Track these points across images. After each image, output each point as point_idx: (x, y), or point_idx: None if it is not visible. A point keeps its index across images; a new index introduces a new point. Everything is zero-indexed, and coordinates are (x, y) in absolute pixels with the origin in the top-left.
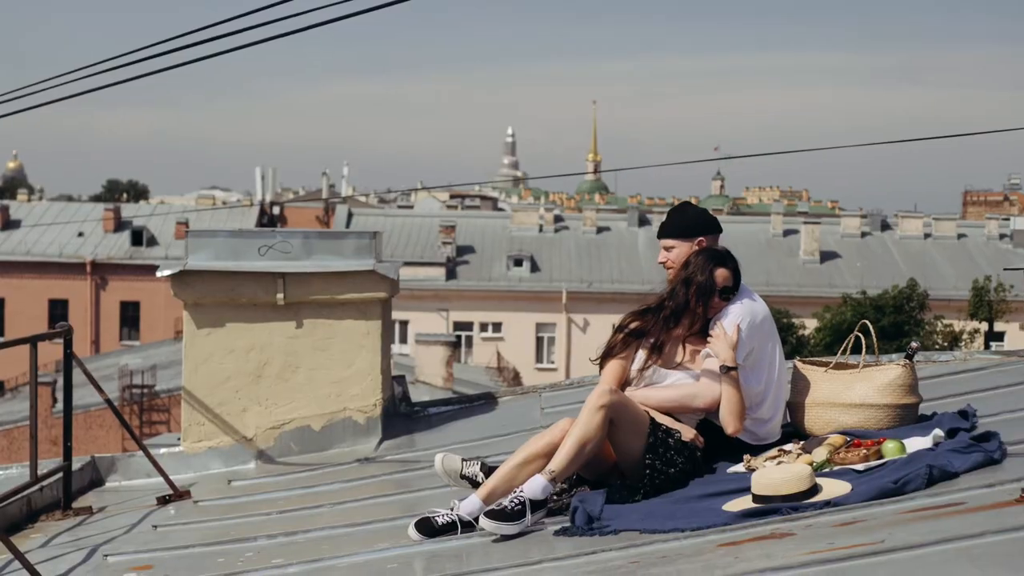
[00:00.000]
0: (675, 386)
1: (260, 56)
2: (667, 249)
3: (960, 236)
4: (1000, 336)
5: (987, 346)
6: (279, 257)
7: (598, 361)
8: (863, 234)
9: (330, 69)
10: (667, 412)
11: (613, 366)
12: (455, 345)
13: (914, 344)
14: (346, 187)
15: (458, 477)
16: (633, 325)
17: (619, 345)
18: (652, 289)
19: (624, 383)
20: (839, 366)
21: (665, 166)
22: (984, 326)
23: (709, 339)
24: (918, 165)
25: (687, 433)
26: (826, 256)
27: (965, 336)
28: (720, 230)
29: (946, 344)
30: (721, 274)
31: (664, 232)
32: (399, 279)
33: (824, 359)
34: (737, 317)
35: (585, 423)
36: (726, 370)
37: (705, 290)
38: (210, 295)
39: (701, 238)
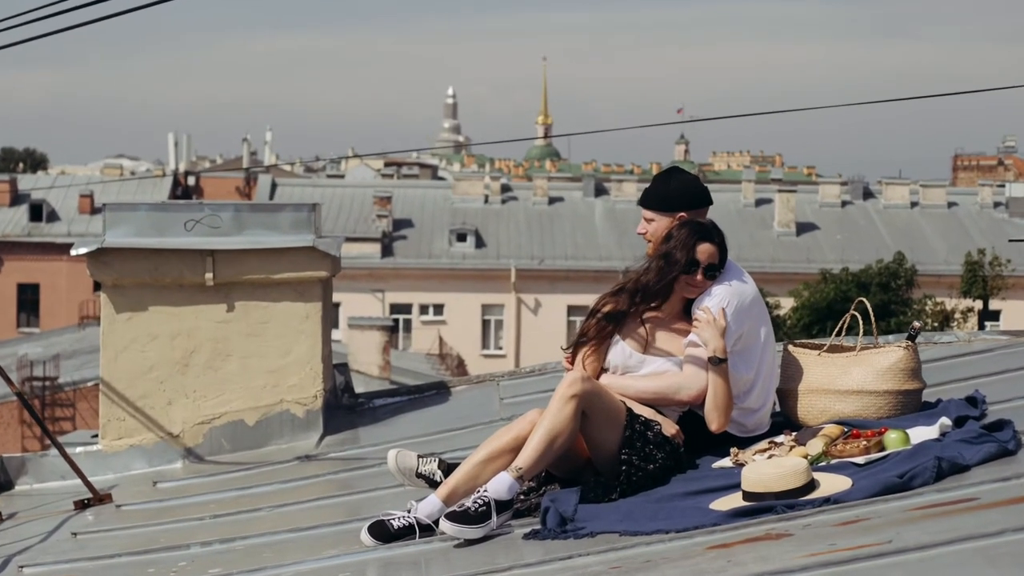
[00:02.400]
0: (657, 376)
1: (169, 10)
2: (647, 220)
3: (950, 205)
4: (996, 315)
5: (981, 326)
6: (207, 232)
7: (570, 350)
8: (843, 203)
9: (250, 22)
10: (647, 404)
11: (587, 353)
12: (392, 330)
13: (916, 324)
14: (269, 154)
15: (414, 476)
16: (607, 307)
17: (593, 330)
18: (617, 266)
19: (600, 372)
20: (834, 349)
21: (624, 130)
22: (978, 304)
23: (695, 324)
24: (903, 127)
25: (668, 427)
26: (803, 228)
27: (958, 316)
28: (708, 202)
29: (936, 325)
30: (705, 250)
31: (644, 201)
32: (340, 256)
33: (817, 342)
34: (724, 299)
35: (555, 414)
36: (717, 362)
37: (687, 267)
38: (131, 275)
39: (682, 213)
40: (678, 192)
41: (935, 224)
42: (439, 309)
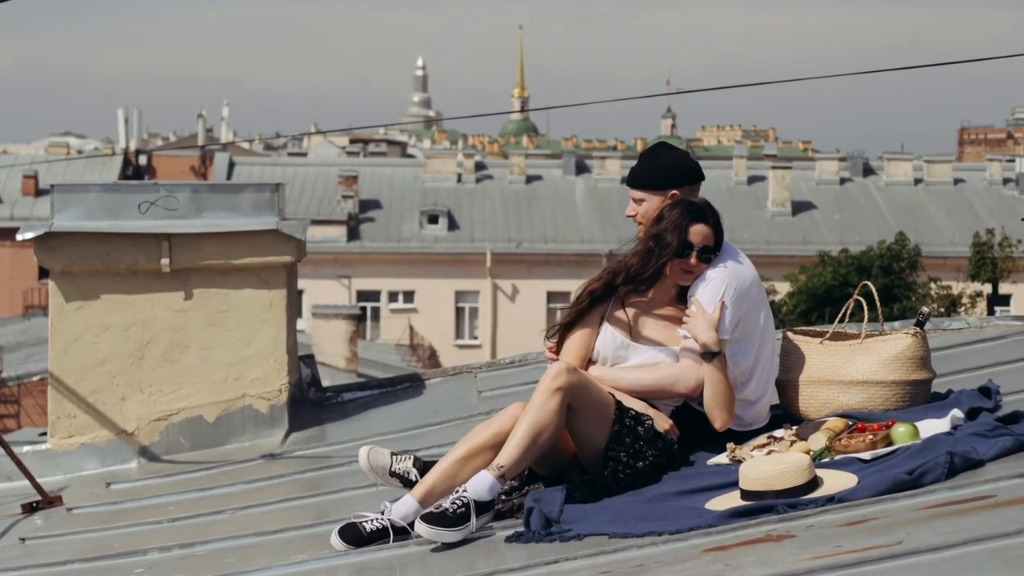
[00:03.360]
0: (651, 367)
1: None
2: (636, 201)
3: (957, 181)
4: (1006, 300)
5: (991, 311)
6: (163, 215)
7: (553, 337)
8: (842, 180)
9: None
10: (641, 397)
11: (573, 342)
12: (359, 319)
13: (925, 309)
14: (226, 131)
15: (387, 475)
16: (595, 294)
17: (579, 316)
18: (600, 250)
19: (587, 363)
20: (836, 336)
21: (606, 103)
22: (987, 288)
23: (686, 317)
24: (906, 99)
25: (661, 422)
26: (799, 207)
27: (965, 300)
28: (700, 178)
29: (943, 310)
30: (699, 231)
31: (632, 181)
32: (306, 240)
33: (819, 329)
34: (720, 285)
35: (539, 408)
36: (709, 356)
37: (680, 251)
38: (81, 261)
39: (674, 191)
40: (668, 168)
41: (940, 202)
42: (409, 296)
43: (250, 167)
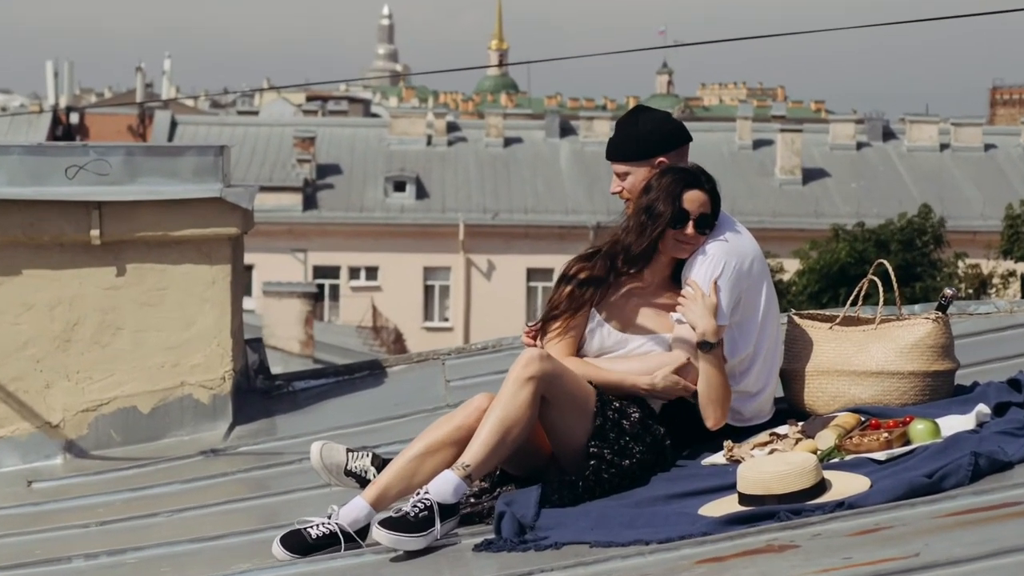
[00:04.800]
0: (642, 357)
1: None
2: (619, 176)
3: (988, 147)
4: None
5: None
6: (93, 181)
7: (538, 328)
8: (859, 145)
9: None
10: (632, 392)
11: (558, 331)
12: (316, 297)
13: (948, 292)
14: (168, 87)
15: (342, 473)
16: (582, 274)
17: (565, 303)
18: (587, 221)
19: (575, 354)
20: (848, 321)
21: (594, 57)
22: (1021, 267)
23: (680, 301)
24: (931, 54)
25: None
26: (810, 175)
27: (996, 281)
28: (688, 139)
29: (971, 291)
30: (694, 198)
31: (612, 153)
32: (254, 209)
33: (829, 312)
34: (718, 261)
35: (509, 400)
36: (707, 347)
37: (674, 221)
38: (1, 232)
39: (661, 158)
40: (651, 133)
41: (969, 170)
42: (372, 273)
43: (194, 127)
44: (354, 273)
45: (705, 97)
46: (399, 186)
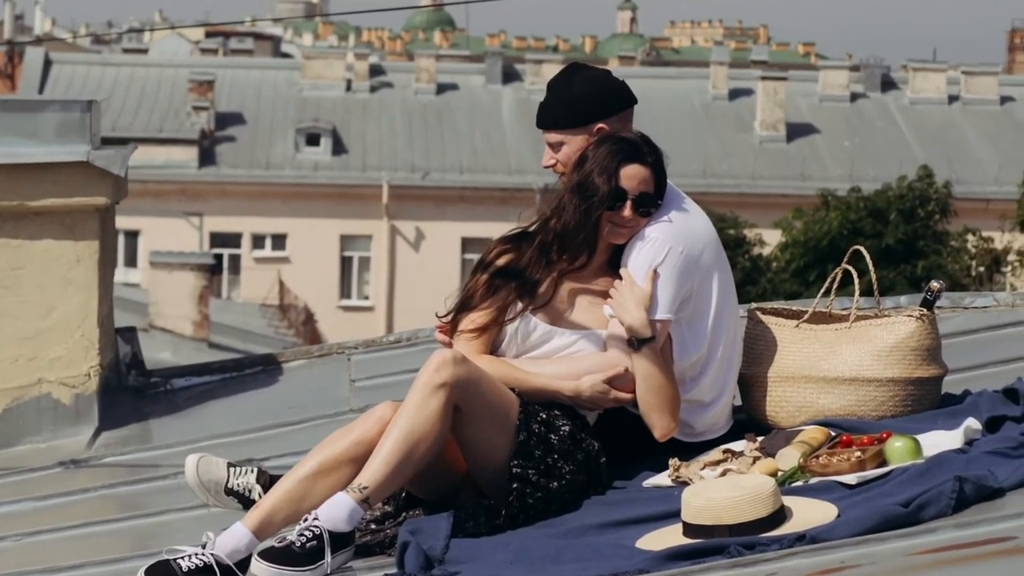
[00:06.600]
0: (571, 359)
1: None
2: (552, 146)
3: (1004, 100)
4: None
5: None
6: None
7: (449, 319)
8: (854, 96)
9: None
10: (557, 400)
11: (473, 325)
12: (213, 270)
13: (935, 284)
14: (41, 19)
15: (222, 492)
16: (503, 260)
17: (482, 292)
18: (533, 183)
19: (492, 351)
20: (819, 318)
21: None
22: None
23: (612, 291)
24: None
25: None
26: (796, 131)
27: (1012, 258)
28: (631, 101)
29: (982, 270)
30: (634, 174)
31: (543, 120)
32: (128, 174)
33: (795, 306)
34: (659, 247)
35: (415, 411)
36: (637, 344)
37: (610, 201)
38: None
39: (600, 124)
40: (586, 96)
41: (982, 127)
42: (280, 241)
43: (72, 67)
44: (258, 242)
45: (675, 37)
46: (312, 139)
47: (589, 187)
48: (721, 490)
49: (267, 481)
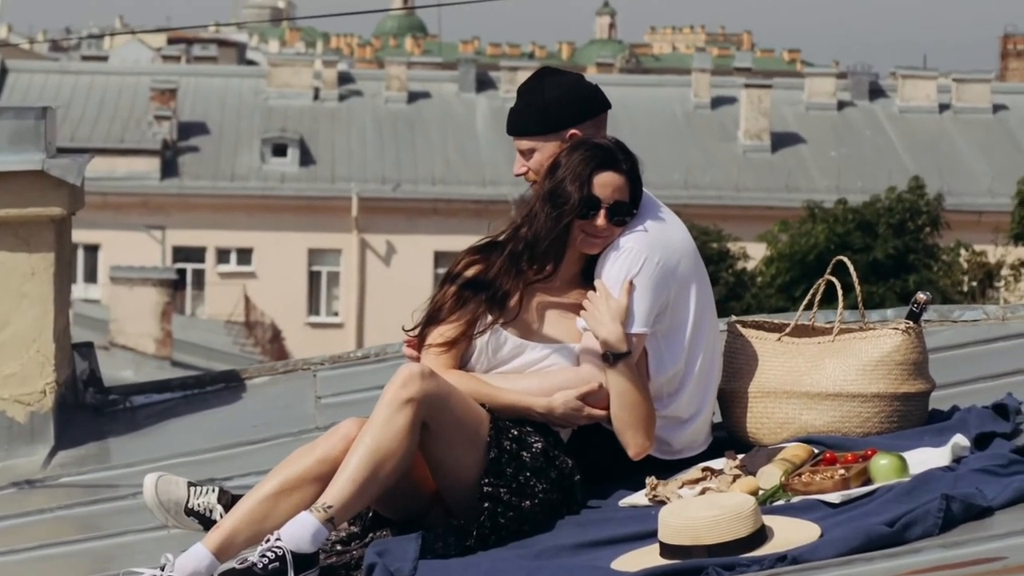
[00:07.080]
0: (544, 373)
1: None
2: (523, 154)
3: (997, 108)
4: None
5: None
6: None
7: (417, 333)
8: (841, 104)
9: None
10: (528, 417)
11: (442, 339)
12: (176, 285)
13: (921, 296)
14: None
15: (182, 512)
16: (472, 271)
17: (451, 304)
18: (508, 194)
19: (461, 366)
20: (801, 331)
21: None
22: None
23: (586, 303)
24: None
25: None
26: (781, 140)
27: (1006, 272)
28: (605, 106)
29: (974, 284)
30: (608, 181)
31: (514, 127)
32: (84, 184)
33: (778, 320)
34: (635, 258)
35: (382, 427)
36: (612, 359)
37: (582, 209)
38: None
39: (572, 130)
40: (559, 101)
41: (974, 136)
42: (245, 256)
43: (29, 75)
44: (223, 256)
45: (655, 44)
46: (279, 150)
47: (561, 195)
48: (700, 509)
49: (229, 501)
